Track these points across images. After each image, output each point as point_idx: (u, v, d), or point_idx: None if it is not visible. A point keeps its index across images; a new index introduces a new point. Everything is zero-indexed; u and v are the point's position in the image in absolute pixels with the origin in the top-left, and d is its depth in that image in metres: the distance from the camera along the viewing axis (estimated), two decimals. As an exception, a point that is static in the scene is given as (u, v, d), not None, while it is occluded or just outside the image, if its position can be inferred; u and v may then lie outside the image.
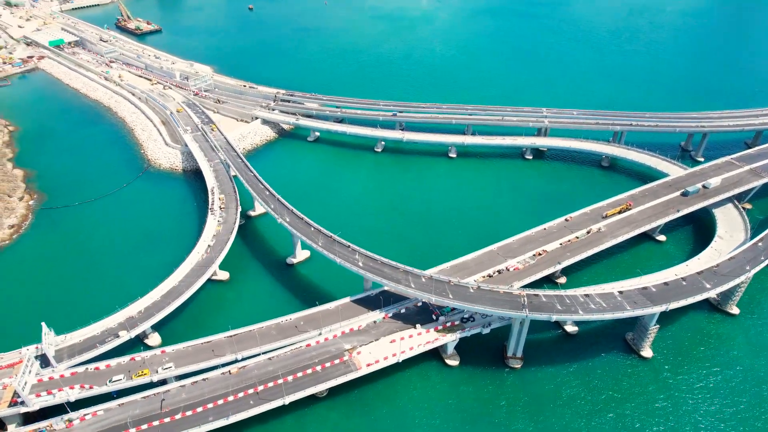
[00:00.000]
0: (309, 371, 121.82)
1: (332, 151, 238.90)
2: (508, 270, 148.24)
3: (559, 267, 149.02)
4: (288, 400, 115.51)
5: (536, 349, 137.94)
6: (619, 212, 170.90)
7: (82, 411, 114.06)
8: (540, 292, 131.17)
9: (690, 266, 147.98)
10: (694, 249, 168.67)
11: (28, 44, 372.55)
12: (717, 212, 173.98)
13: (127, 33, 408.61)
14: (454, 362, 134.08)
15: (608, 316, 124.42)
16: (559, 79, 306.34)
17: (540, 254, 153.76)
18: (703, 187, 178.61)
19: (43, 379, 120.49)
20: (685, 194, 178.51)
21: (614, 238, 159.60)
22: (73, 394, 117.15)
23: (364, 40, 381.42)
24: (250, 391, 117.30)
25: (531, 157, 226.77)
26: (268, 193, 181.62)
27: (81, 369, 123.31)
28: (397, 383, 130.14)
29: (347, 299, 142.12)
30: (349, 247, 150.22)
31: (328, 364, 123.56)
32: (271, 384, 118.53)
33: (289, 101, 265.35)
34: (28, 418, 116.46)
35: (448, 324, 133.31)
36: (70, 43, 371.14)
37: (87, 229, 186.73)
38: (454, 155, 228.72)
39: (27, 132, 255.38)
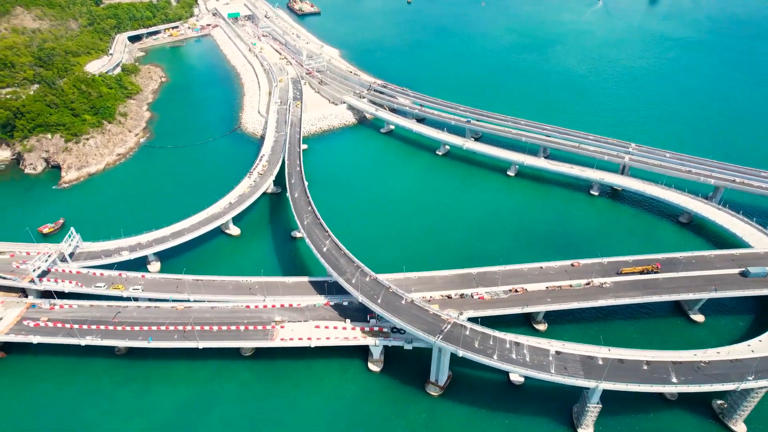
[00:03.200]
0: (233, 328, 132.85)
1: (396, 145, 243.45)
2: (472, 297, 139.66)
3: (526, 310, 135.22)
4: (201, 345, 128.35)
5: (468, 386, 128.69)
6: (640, 272, 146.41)
7: (64, 301, 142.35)
8: (470, 324, 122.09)
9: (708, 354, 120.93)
10: (734, 339, 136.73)
11: (213, 15, 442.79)
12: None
13: (292, 13, 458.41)
14: (375, 368, 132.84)
15: (520, 370, 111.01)
16: (658, 112, 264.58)
17: (516, 291, 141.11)
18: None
19: (59, 269, 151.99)
20: (744, 274, 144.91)
21: (615, 298, 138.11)
22: (68, 287, 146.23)
23: (502, 45, 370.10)
24: (180, 327, 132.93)
25: (597, 194, 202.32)
26: (299, 169, 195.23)
27: (84, 270, 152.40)
28: (316, 367, 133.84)
29: (306, 278, 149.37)
30: (326, 232, 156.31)
31: (251, 328, 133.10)
32: (198, 328, 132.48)
33: (381, 92, 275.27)
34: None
35: (376, 328, 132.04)
36: (244, 17, 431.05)
37: (165, 167, 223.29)
38: (512, 173, 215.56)
39: (172, 84, 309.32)
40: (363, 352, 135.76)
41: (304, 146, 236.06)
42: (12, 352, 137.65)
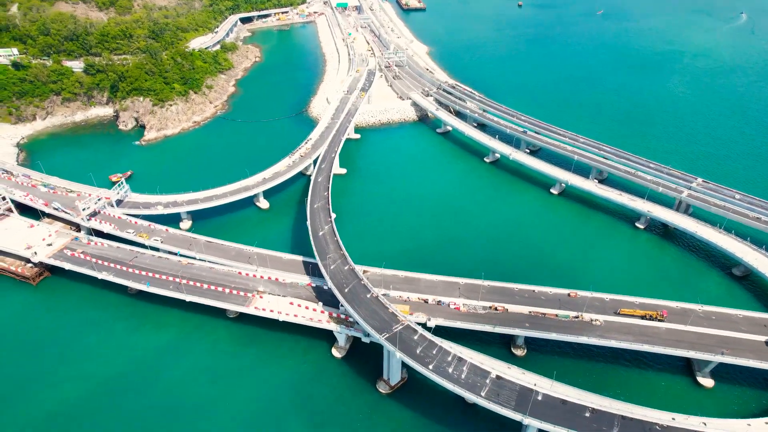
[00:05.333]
0: (220, 289, 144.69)
1: (447, 146, 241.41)
2: (448, 306, 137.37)
3: (495, 329, 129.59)
4: (188, 299, 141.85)
5: (420, 392, 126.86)
6: (641, 317, 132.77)
7: (98, 239, 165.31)
8: (421, 330, 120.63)
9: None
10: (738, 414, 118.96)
11: (324, 3, 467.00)
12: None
13: (399, 7, 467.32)
14: (338, 354, 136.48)
15: (447, 384, 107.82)
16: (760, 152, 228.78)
17: (495, 309, 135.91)
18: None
19: (106, 212, 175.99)
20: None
21: (600, 338, 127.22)
22: (107, 228, 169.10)
23: (600, 60, 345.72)
24: (177, 280, 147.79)
25: (643, 227, 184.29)
26: (333, 155, 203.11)
27: (125, 217, 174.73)
28: (285, 342, 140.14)
29: (300, 258, 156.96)
30: (330, 217, 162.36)
31: (235, 292, 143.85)
32: (191, 283, 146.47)
33: (449, 93, 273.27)
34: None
35: (343, 316, 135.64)
36: (352, 7, 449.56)
37: (228, 139, 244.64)
38: (556, 192, 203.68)
39: (264, 64, 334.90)
40: (332, 337, 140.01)
41: (356, 136, 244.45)
42: (54, 274, 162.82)
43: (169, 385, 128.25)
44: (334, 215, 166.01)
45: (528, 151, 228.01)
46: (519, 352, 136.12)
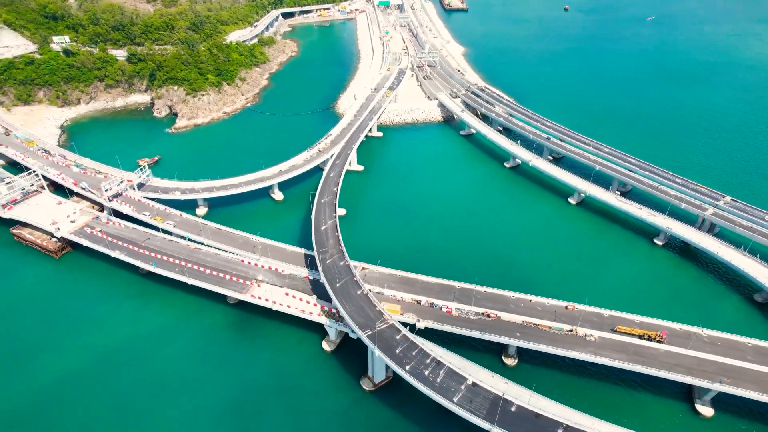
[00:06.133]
0: (220, 275, 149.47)
1: (468, 149, 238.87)
2: (440, 309, 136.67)
3: (483, 336, 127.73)
4: (190, 282, 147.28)
5: (405, 393, 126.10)
6: (639, 336, 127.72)
7: (116, 219, 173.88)
8: (404, 330, 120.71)
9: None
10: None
11: (367, 1, 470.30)
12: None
13: (441, 7, 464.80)
14: (328, 348, 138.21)
15: (421, 387, 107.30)
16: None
17: (487, 316, 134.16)
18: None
19: (128, 195, 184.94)
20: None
21: (591, 354, 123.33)
22: (125, 209, 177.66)
23: (640, 69, 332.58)
24: (181, 263, 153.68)
25: (661, 244, 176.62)
26: (349, 152, 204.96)
27: (144, 200, 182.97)
28: (278, 332, 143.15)
29: (303, 250, 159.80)
30: (334, 213, 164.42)
31: (234, 279, 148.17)
32: (195, 267, 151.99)
33: (477, 95, 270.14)
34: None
35: (335, 311, 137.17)
36: (395, 5, 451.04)
37: (254, 130, 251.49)
38: (574, 202, 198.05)
39: (299, 59, 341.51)
40: (325, 331, 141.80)
41: (379, 134, 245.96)
42: (76, 249, 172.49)
43: (163, 362, 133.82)
44: (344, 211, 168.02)
45: (551, 158, 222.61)
46: (510, 362, 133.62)
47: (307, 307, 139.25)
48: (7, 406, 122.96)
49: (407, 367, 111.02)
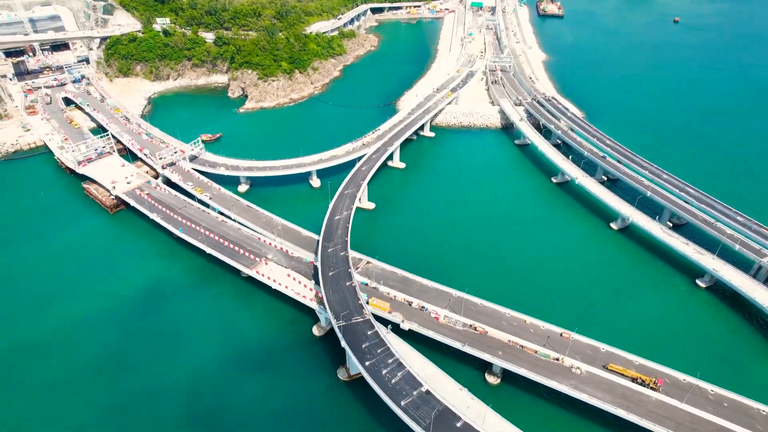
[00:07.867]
0: (236, 249, 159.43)
1: (519, 160, 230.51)
2: (429, 314, 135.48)
3: (463, 348, 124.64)
4: (208, 251, 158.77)
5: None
6: (632, 379, 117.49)
7: (162, 185, 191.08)
8: (378, 326, 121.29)
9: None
10: None
11: (459, 1, 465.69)
12: None
13: (536, 12, 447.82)
14: (317, 333, 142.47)
15: (373, 384, 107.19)
16: None
17: (474, 328, 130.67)
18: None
19: (178, 164, 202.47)
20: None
21: (572, 388, 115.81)
22: (174, 177, 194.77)
23: (750, 96, 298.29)
24: (206, 232, 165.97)
25: (704, 286, 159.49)
26: (390, 149, 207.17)
27: (192, 172, 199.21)
28: (276, 311, 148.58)
29: (315, 236, 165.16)
30: (352, 205, 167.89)
31: (247, 255, 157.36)
32: (215, 238, 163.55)
33: (542, 105, 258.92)
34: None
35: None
36: (488, 7, 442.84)
37: (314, 119, 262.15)
38: (616, 227, 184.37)
39: (377, 53, 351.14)
40: (313, 314, 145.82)
41: (431, 134, 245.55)
42: (128, 208, 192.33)
43: (167, 318, 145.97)
44: (372, 205, 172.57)
45: (605, 178, 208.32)
46: (493, 380, 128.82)
47: (303, 291, 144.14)
48: (35, 336, 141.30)
49: (367, 363, 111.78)
